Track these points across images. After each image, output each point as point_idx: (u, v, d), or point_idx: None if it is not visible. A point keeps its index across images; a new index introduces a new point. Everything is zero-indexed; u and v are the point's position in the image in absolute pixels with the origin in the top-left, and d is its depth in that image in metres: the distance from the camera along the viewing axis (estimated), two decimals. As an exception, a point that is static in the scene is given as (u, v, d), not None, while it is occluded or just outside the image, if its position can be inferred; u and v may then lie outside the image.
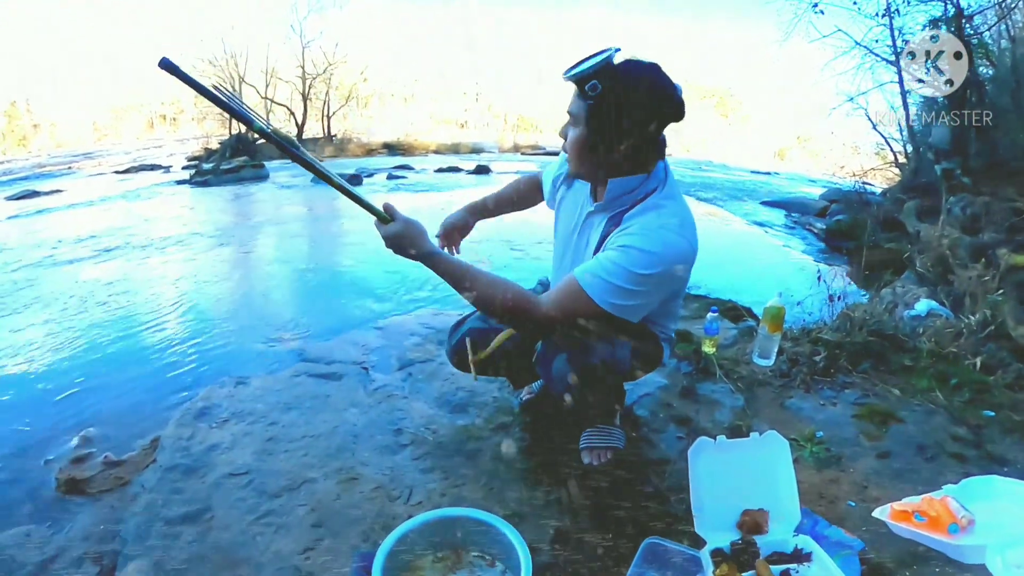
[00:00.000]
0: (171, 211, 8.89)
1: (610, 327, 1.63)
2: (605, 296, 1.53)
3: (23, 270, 5.19)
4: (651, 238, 1.53)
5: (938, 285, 4.23)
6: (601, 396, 1.80)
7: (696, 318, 3.33)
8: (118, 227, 7.22)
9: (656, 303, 1.64)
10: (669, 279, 1.57)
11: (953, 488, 1.59)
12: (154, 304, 4.12)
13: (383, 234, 1.54)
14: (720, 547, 1.47)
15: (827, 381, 2.49)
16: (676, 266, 1.56)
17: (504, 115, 34.50)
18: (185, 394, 2.59)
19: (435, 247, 1.57)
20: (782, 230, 9.15)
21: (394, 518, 1.70)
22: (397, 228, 1.52)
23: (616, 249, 1.55)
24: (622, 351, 1.70)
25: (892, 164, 10.38)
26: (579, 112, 1.55)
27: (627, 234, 1.57)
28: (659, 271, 1.52)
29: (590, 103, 1.51)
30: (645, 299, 1.57)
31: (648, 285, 1.53)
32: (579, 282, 1.54)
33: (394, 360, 2.80)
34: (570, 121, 1.60)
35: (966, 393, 2.36)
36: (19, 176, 14.82)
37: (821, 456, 1.98)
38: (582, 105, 1.54)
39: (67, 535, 1.74)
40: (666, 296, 1.68)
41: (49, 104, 28.60)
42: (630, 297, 1.53)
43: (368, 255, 5.67)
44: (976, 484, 1.62)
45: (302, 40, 22.26)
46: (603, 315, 1.55)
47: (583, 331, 1.63)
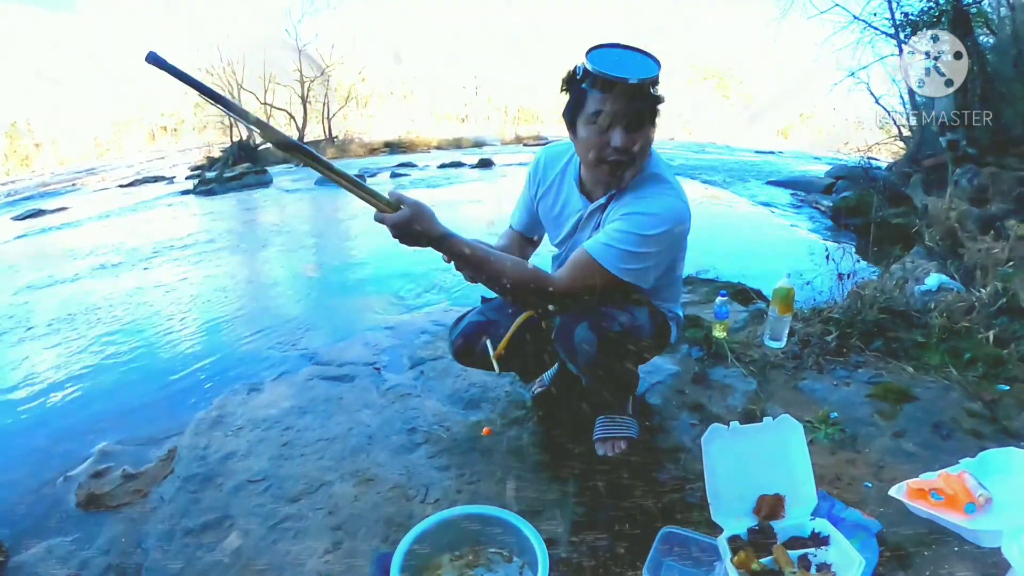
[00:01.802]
0: (177, 222, 8.94)
1: (624, 300, 1.70)
2: (617, 263, 1.58)
3: (33, 289, 5.23)
4: (651, 202, 1.62)
5: (948, 259, 4.19)
6: (619, 369, 1.80)
7: (705, 302, 3.32)
8: (125, 241, 7.26)
9: (665, 264, 1.71)
10: (673, 238, 1.64)
11: (971, 462, 1.58)
12: (164, 315, 4.15)
13: (390, 223, 1.49)
14: (737, 534, 1.47)
15: (840, 361, 2.48)
16: (677, 222, 1.63)
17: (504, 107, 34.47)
18: (198, 402, 2.61)
19: (446, 229, 1.54)
20: (788, 209, 9.11)
21: (411, 517, 1.71)
22: (405, 214, 1.48)
23: (620, 218, 1.62)
24: (641, 317, 1.75)
25: (896, 138, 10.31)
26: (648, 113, 1.60)
27: (626, 203, 1.65)
28: (664, 229, 1.60)
29: (655, 102, 1.59)
30: (655, 260, 1.64)
31: (656, 245, 1.61)
32: (590, 253, 1.60)
33: (405, 359, 2.80)
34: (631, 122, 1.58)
35: (980, 368, 2.35)
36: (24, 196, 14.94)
37: (836, 437, 1.98)
38: (648, 106, 1.59)
39: (90, 550, 1.75)
40: (668, 262, 1.73)
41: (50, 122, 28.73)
42: (641, 260, 1.60)
43: (375, 254, 5.68)
44: (994, 457, 1.61)
45: (298, 44, 22.29)
46: (617, 283, 1.61)
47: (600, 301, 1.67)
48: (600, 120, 1.58)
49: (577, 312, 1.70)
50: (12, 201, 14.07)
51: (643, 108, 1.58)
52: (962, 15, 7.23)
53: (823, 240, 6.59)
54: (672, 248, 1.68)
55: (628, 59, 1.57)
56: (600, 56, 1.57)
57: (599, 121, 1.58)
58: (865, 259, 4.45)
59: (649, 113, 1.60)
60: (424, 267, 4.72)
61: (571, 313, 1.72)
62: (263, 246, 6.76)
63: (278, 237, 7.23)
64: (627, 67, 1.53)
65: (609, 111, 1.56)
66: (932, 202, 6.10)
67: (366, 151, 20.51)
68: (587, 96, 1.59)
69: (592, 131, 1.60)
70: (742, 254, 5.59)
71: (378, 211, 1.49)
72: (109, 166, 22.20)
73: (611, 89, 1.54)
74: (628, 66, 1.54)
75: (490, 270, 1.57)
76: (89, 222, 9.41)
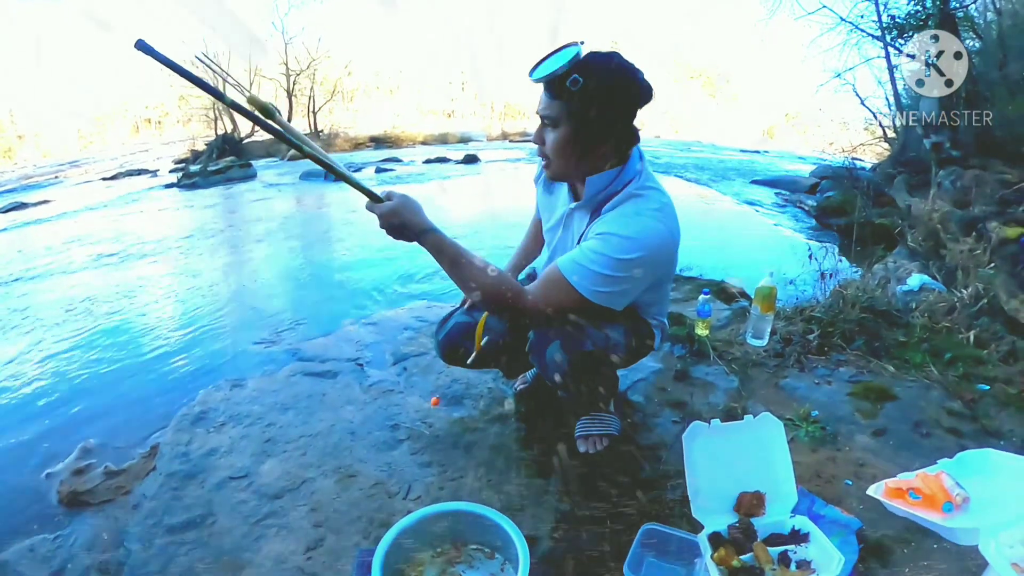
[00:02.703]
0: (160, 215, 8.86)
1: (600, 316, 1.64)
2: (587, 284, 1.53)
3: (14, 283, 5.17)
4: (629, 224, 1.55)
5: (930, 259, 4.24)
6: (595, 383, 1.79)
7: (688, 300, 3.33)
8: (108, 234, 7.19)
9: (640, 290, 1.64)
10: (650, 264, 1.57)
11: (948, 463, 1.59)
12: (147, 310, 4.11)
13: (379, 212, 1.48)
14: (718, 531, 1.48)
15: (821, 360, 2.51)
16: (656, 250, 1.57)
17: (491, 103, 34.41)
18: (181, 398, 2.59)
19: (431, 224, 1.52)
20: (773, 208, 9.16)
21: (394, 514, 1.71)
22: (393, 205, 1.47)
23: (595, 238, 1.56)
24: (615, 334, 1.72)
25: (881, 139, 10.40)
26: (559, 112, 1.53)
27: (605, 222, 1.58)
28: (639, 255, 1.52)
29: (571, 100, 1.50)
30: (628, 285, 1.57)
31: (629, 271, 1.53)
32: (561, 272, 1.55)
33: (388, 355, 2.80)
34: (546, 124, 1.58)
35: (960, 367, 2.38)
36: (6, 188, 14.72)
37: (817, 435, 1.99)
38: (560, 104, 1.52)
39: (72, 547, 1.74)
40: (652, 283, 1.68)
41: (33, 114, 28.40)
42: (612, 284, 1.54)
43: (359, 250, 5.66)
44: (971, 458, 1.63)
45: (284, 37, 22.16)
46: (587, 304, 1.56)
47: (574, 319, 1.63)
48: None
49: (551, 329, 1.67)
50: (-6, 194, 13.90)
51: (553, 107, 1.53)
52: (949, 19, 7.32)
53: (806, 239, 6.64)
54: (651, 272, 1.61)
55: (552, 55, 1.51)
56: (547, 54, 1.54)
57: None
58: (848, 259, 4.49)
59: (572, 109, 1.52)
60: (408, 263, 4.71)
61: (544, 329, 1.69)
62: (247, 240, 6.71)
63: (262, 231, 7.18)
64: (544, 63, 1.50)
65: (537, 110, 1.58)
66: (915, 203, 6.17)
67: (351, 145, 20.39)
68: None
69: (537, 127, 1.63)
70: (725, 252, 5.62)
71: (369, 200, 1.48)
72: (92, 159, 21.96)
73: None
74: (546, 62, 1.50)
75: (465, 273, 1.54)
76: (71, 215, 9.31)
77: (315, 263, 5.58)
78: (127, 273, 5.29)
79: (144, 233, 7.19)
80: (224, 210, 9.45)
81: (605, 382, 1.88)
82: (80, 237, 7.09)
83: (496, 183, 12.59)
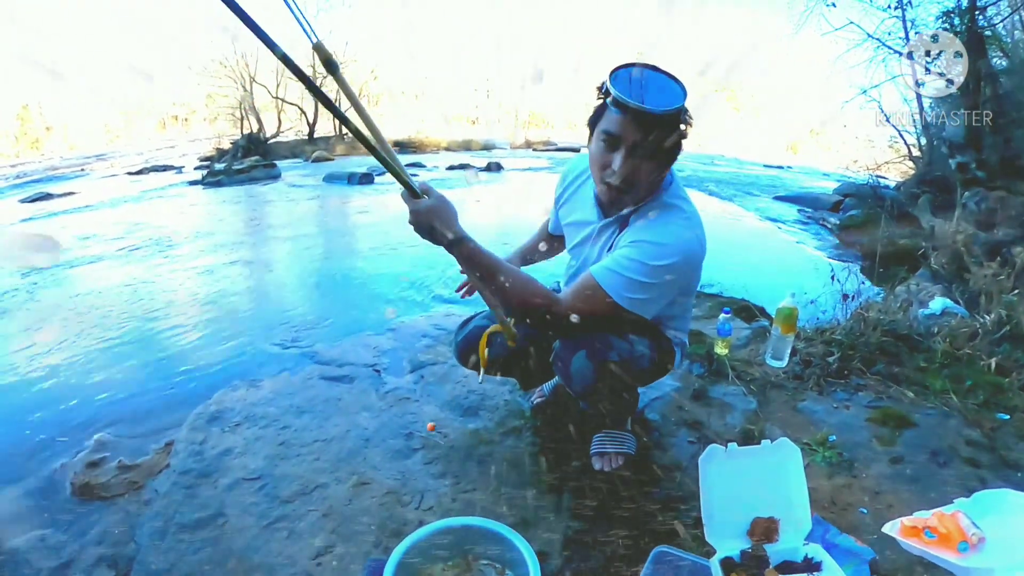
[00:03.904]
0: (184, 212, 8.93)
1: (626, 329, 1.67)
2: (621, 291, 1.55)
3: (36, 273, 5.23)
4: (660, 231, 1.58)
5: (953, 283, 4.18)
6: (618, 395, 1.80)
7: (709, 318, 3.31)
8: (131, 229, 7.26)
9: (669, 297, 1.66)
10: (682, 270, 1.60)
11: (965, 502, 1.57)
12: (167, 307, 4.15)
13: (413, 208, 1.47)
14: (730, 555, 1.46)
15: (840, 383, 2.48)
16: (687, 257, 1.60)
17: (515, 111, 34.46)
18: (197, 396, 2.61)
19: (464, 231, 1.52)
20: (795, 226, 9.08)
21: (405, 523, 1.71)
22: (430, 203, 1.47)
23: (628, 245, 1.58)
24: (641, 347, 1.73)
25: (906, 157, 10.30)
26: (656, 141, 1.53)
27: (636, 230, 1.61)
28: (671, 261, 1.56)
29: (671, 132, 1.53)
30: (659, 292, 1.59)
31: (661, 276, 1.56)
32: (595, 278, 1.57)
33: (406, 363, 2.80)
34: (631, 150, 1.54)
35: (980, 395, 2.34)
36: (32, 179, 14.90)
37: (833, 461, 1.97)
38: (658, 135, 1.51)
39: (82, 540, 1.76)
40: (677, 292, 1.70)
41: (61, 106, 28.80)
42: (645, 290, 1.56)
43: (380, 254, 5.68)
44: (988, 498, 1.60)
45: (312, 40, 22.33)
46: (619, 311, 1.57)
47: (601, 329, 1.65)
48: (608, 140, 1.56)
49: (576, 339, 1.68)
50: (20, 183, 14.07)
51: (654, 139, 1.52)
52: (976, 37, 7.22)
53: (829, 259, 6.57)
54: (681, 279, 1.64)
55: (653, 84, 1.52)
56: (624, 76, 1.52)
57: (607, 140, 1.56)
58: (870, 279, 4.44)
59: (661, 145, 1.54)
60: (429, 269, 4.72)
61: (569, 340, 1.70)
62: (269, 240, 6.76)
63: (284, 232, 7.22)
64: (650, 93, 1.48)
65: (617, 133, 1.53)
66: (939, 224, 6.10)
67: (376, 149, 20.46)
68: (605, 112, 1.56)
69: (599, 148, 1.59)
70: (747, 270, 5.58)
71: (405, 191, 1.47)
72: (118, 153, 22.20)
73: (626, 112, 1.50)
74: (651, 92, 1.49)
75: (499, 282, 1.55)
76: (96, 208, 9.41)
77: (335, 266, 5.60)
78: (148, 268, 5.34)
79: (167, 229, 7.25)
80: (247, 209, 9.51)
81: (624, 402, 1.88)
82: (103, 230, 7.15)
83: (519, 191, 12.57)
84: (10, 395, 2.83)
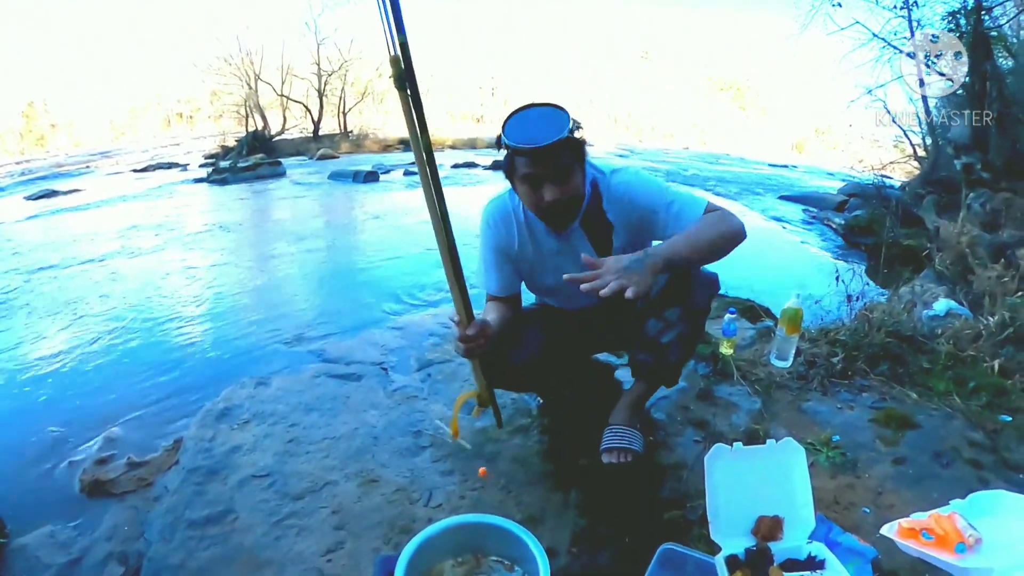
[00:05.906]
0: (189, 210, 8.97)
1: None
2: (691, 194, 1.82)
3: (43, 270, 5.26)
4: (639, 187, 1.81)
5: (957, 284, 4.18)
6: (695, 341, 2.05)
7: (714, 318, 3.32)
8: (136, 226, 7.30)
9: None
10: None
11: (961, 504, 1.58)
12: (174, 304, 4.18)
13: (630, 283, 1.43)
14: (735, 553, 1.48)
15: (844, 384, 2.49)
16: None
17: (520, 109, 34.40)
18: (205, 394, 2.63)
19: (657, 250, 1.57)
20: (800, 225, 9.08)
21: (414, 521, 1.73)
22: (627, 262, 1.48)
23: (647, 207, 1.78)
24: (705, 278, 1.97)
25: (911, 157, 10.30)
26: (568, 160, 1.67)
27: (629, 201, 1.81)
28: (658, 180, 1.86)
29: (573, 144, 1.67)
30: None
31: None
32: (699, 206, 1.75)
33: (413, 361, 2.82)
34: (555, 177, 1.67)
35: (983, 397, 2.35)
36: (38, 176, 14.98)
37: (837, 461, 1.99)
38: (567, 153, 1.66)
39: (92, 536, 1.79)
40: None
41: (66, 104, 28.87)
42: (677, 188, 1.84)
43: (386, 253, 5.70)
44: (984, 499, 1.61)
45: (317, 37, 22.34)
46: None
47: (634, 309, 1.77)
48: (530, 181, 1.68)
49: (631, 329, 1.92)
50: (26, 180, 14.13)
51: (562, 163, 1.65)
52: (982, 38, 7.22)
53: (833, 259, 6.57)
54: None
55: (537, 121, 1.63)
56: (513, 125, 1.65)
57: (529, 182, 1.69)
58: (874, 280, 4.45)
59: (570, 161, 1.68)
60: (435, 268, 4.74)
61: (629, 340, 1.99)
62: (274, 238, 6.78)
63: (290, 229, 7.24)
64: (537, 130, 1.61)
65: (534, 173, 1.67)
66: (944, 225, 6.10)
67: (380, 147, 20.45)
68: (514, 160, 1.70)
69: (527, 191, 1.72)
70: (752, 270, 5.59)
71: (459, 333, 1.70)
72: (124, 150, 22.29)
73: (529, 154, 1.63)
74: (538, 129, 1.61)
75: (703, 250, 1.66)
76: (101, 206, 9.45)
77: (342, 264, 5.62)
78: (154, 266, 5.38)
79: (172, 227, 7.29)
80: (252, 207, 9.54)
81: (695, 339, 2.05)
82: (109, 228, 7.19)
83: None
84: (19, 393, 2.86)
